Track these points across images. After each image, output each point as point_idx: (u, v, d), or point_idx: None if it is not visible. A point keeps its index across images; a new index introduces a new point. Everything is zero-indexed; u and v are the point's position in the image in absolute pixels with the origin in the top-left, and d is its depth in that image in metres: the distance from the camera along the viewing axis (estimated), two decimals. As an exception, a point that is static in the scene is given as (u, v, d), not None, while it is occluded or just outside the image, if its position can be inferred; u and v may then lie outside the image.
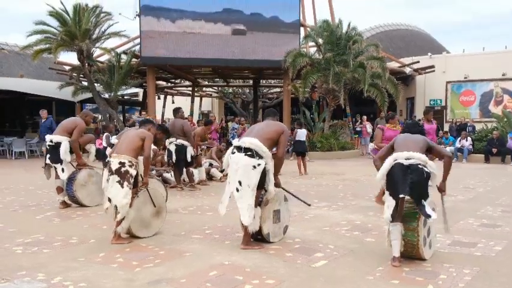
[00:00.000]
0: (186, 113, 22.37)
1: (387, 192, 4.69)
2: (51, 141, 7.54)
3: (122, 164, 5.41)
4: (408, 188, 4.46)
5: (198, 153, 10.39)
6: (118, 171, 5.38)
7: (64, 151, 7.45)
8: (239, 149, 5.14)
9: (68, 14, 17.58)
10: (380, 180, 4.75)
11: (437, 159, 5.68)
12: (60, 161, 7.47)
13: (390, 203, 4.62)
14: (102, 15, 18.06)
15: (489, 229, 6.15)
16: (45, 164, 7.65)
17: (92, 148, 8.10)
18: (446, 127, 22.65)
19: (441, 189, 4.94)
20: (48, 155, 7.56)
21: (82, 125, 7.64)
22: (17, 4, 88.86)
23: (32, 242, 5.43)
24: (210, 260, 4.73)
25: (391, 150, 4.90)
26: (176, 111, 10.09)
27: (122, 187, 5.34)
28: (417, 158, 4.58)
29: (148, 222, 5.66)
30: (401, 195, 4.51)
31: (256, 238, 5.30)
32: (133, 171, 5.44)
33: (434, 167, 4.67)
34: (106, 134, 12.90)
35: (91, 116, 8.19)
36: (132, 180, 5.43)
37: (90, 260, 4.71)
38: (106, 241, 5.40)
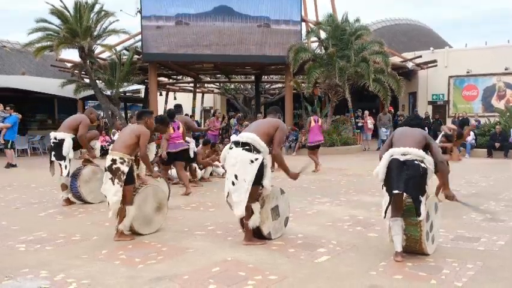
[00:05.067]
0: (188, 110, 22.43)
1: (384, 188, 4.69)
2: (55, 138, 7.57)
3: (113, 161, 5.39)
4: (403, 184, 4.43)
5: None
6: (110, 169, 5.38)
7: (67, 148, 7.49)
8: (237, 144, 5.13)
9: (69, 12, 17.58)
10: (377, 176, 4.73)
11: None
12: (64, 158, 7.51)
13: (386, 198, 4.62)
14: (103, 12, 18.03)
15: (492, 224, 6.13)
16: (50, 161, 7.69)
17: (96, 144, 8.23)
18: (449, 122, 22.58)
19: (449, 196, 4.91)
20: (53, 152, 7.60)
21: (86, 120, 7.68)
22: (18, 4, 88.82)
23: (34, 239, 5.44)
24: (213, 256, 4.73)
25: (391, 144, 4.87)
26: (178, 108, 10.08)
27: (113, 184, 5.33)
28: (414, 153, 4.53)
29: (150, 219, 5.66)
30: (395, 191, 4.48)
31: (259, 237, 5.29)
32: (124, 168, 5.37)
33: (431, 162, 4.64)
34: (113, 130, 12.93)
35: (95, 113, 8.22)
36: (124, 178, 5.36)
37: (93, 257, 4.72)
38: (108, 238, 5.41)
